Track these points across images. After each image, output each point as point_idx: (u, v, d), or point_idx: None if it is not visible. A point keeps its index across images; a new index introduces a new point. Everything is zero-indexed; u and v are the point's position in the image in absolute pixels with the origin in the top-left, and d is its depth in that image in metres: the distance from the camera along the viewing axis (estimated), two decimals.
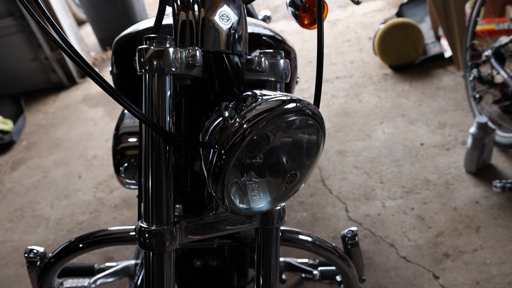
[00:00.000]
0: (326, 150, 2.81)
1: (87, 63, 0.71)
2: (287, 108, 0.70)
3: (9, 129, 3.67)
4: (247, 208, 0.77)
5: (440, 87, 3.19)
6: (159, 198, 0.78)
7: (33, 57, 4.33)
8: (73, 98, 4.31)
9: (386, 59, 3.55)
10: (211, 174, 0.71)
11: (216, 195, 0.73)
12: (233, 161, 0.69)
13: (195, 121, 0.88)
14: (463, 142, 2.60)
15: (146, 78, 0.76)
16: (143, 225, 0.79)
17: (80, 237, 1.02)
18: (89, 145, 3.39)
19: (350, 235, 1.20)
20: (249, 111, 0.70)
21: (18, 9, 4.01)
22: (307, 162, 0.79)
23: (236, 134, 0.68)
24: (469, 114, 2.82)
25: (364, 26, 4.47)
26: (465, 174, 2.39)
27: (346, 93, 3.39)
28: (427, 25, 3.93)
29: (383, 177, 2.50)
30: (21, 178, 3.16)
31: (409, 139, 2.75)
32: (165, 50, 0.74)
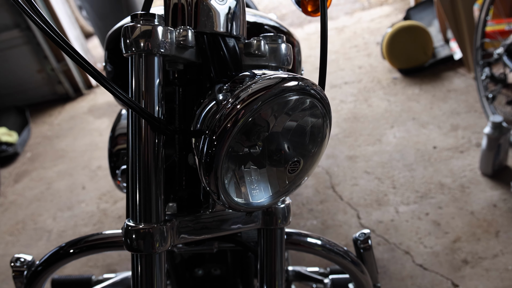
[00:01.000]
0: (336, 156, 2.72)
1: (62, 38, 0.63)
2: (287, 87, 0.62)
3: (14, 141, 3.63)
4: (246, 203, 0.69)
5: (451, 90, 3.10)
6: (147, 193, 0.70)
7: (39, 69, 4.31)
8: (79, 109, 4.27)
9: (395, 62, 3.47)
10: (202, 164, 0.63)
11: (210, 189, 0.65)
12: (225, 148, 0.61)
13: (190, 112, 0.80)
14: (477, 144, 2.50)
15: (133, 60, 0.69)
16: (130, 224, 0.71)
17: (71, 242, 0.94)
18: (94, 155, 3.33)
19: (362, 238, 1.10)
20: (243, 90, 0.62)
21: (24, 21, 4.00)
22: (312, 150, 0.71)
23: (229, 117, 0.61)
24: (482, 116, 2.72)
25: (371, 32, 4.40)
26: (481, 177, 2.29)
27: (355, 98, 3.30)
28: (435, 28, 3.84)
29: (395, 182, 2.41)
30: (24, 190, 3.11)
31: (421, 143, 2.65)
32: (153, 28, 0.67)
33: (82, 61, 0.63)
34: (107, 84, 0.64)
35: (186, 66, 0.80)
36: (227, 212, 0.81)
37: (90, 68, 0.63)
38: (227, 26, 0.79)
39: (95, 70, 0.64)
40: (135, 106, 0.65)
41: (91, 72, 0.63)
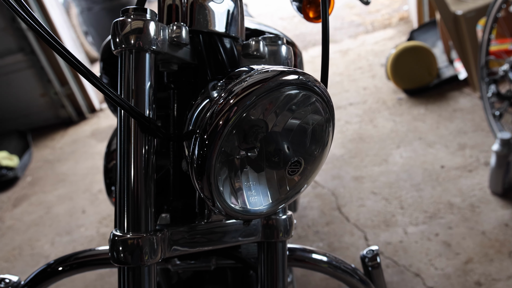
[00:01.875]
0: (341, 177, 2.66)
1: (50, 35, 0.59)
2: (286, 80, 0.57)
3: (14, 165, 3.59)
4: (243, 210, 0.63)
5: (457, 109, 3.06)
6: (136, 200, 0.64)
7: (43, 93, 4.31)
8: (81, 133, 4.25)
9: (400, 83, 3.43)
10: (194, 168, 0.58)
11: (204, 195, 0.60)
12: (217, 148, 0.56)
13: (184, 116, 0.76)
14: (485, 163, 2.44)
15: (123, 57, 0.64)
16: (117, 233, 0.65)
17: (59, 259, 0.88)
18: (95, 179, 3.28)
19: (370, 256, 1.03)
20: (237, 84, 0.57)
21: (28, 45, 4.02)
22: (314, 151, 0.66)
23: (220, 113, 0.56)
24: (490, 135, 2.66)
25: (375, 54, 4.39)
26: (491, 196, 2.22)
27: (360, 119, 3.26)
28: (439, 49, 3.82)
29: (403, 202, 2.34)
30: (22, 214, 3.06)
31: (429, 162, 2.59)
32: (145, 23, 0.63)
33: (70, 57, 0.59)
34: (93, 79, 0.60)
35: (181, 68, 0.75)
36: (223, 223, 0.76)
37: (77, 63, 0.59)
38: (224, 25, 0.75)
39: (83, 66, 0.60)
40: (124, 103, 0.61)
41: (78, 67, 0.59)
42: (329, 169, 2.78)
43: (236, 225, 0.77)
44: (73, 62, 0.58)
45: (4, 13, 3.87)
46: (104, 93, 0.59)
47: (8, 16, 3.88)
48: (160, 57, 0.69)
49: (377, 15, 5.47)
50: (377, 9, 5.65)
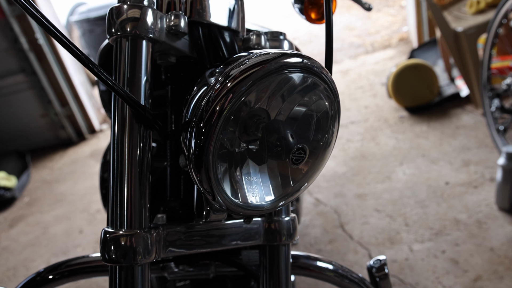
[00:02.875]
0: (344, 194, 2.61)
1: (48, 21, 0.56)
2: (288, 62, 0.54)
3: (12, 185, 3.55)
4: (245, 205, 0.59)
5: (460, 126, 3.03)
6: (129, 195, 0.60)
7: (43, 113, 4.30)
8: (80, 153, 4.21)
9: (401, 101, 3.41)
10: (191, 160, 0.55)
11: (203, 188, 0.56)
12: (215, 136, 0.52)
13: None
14: (491, 179, 2.40)
15: (118, 44, 0.61)
16: (108, 230, 0.60)
17: (50, 267, 0.83)
18: (93, 199, 3.23)
19: (378, 266, 0.98)
20: (235, 67, 0.54)
21: (29, 66, 4.02)
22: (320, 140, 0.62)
23: (217, 98, 0.52)
24: (494, 151, 2.62)
25: (376, 73, 4.39)
26: (498, 212, 2.17)
27: (361, 137, 3.23)
28: (440, 68, 3.82)
29: (407, 219, 2.29)
30: (18, 235, 3.00)
31: (433, 179, 2.55)
32: (142, 10, 0.60)
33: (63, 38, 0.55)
34: (90, 64, 0.56)
35: (179, 62, 0.72)
36: (223, 225, 0.71)
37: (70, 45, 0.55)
38: (225, 18, 0.72)
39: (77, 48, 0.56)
40: (119, 89, 0.57)
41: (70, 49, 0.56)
42: (331, 187, 2.73)
43: (236, 227, 0.73)
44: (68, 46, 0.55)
45: (7, 34, 3.88)
46: (99, 78, 0.56)
47: (10, 37, 3.89)
48: (157, 47, 0.66)
49: (376, 36, 5.49)
50: (377, 30, 5.69)
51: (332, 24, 0.71)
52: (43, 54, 4.02)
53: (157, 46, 0.65)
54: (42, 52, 4.01)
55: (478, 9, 3.14)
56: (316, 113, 0.60)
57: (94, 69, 0.56)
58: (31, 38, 3.94)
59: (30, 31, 3.92)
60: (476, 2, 3.15)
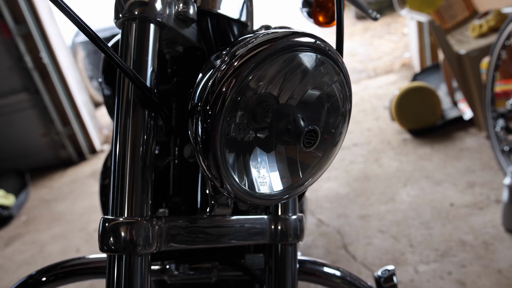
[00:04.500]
0: (347, 215, 2.57)
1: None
2: (297, 41, 0.51)
3: (10, 204, 3.51)
4: (253, 193, 0.56)
5: (463, 149, 3.00)
6: (131, 181, 0.57)
7: (44, 133, 4.28)
8: (80, 173, 4.18)
9: (404, 123, 3.40)
10: (198, 146, 0.52)
11: (211, 174, 0.53)
12: (222, 118, 0.50)
13: None
14: (496, 201, 2.36)
15: (125, 28, 0.59)
16: (107, 217, 0.57)
17: (44, 269, 0.79)
18: (92, 218, 3.19)
19: (386, 276, 0.94)
20: (242, 46, 0.52)
21: (33, 85, 4.03)
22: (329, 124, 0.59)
23: (223, 79, 0.49)
24: (499, 173, 2.59)
25: (378, 97, 4.39)
26: (505, 233, 2.13)
27: (364, 159, 3.21)
28: (443, 92, 3.82)
29: (412, 240, 2.25)
30: (14, 254, 2.95)
31: (437, 200, 2.51)
32: None
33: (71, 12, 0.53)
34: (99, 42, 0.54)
35: (186, 54, 0.70)
36: (227, 219, 0.68)
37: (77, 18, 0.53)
38: (234, 9, 0.71)
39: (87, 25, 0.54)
40: (126, 69, 0.55)
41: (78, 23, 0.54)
42: (334, 208, 2.69)
43: (241, 223, 0.70)
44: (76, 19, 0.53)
45: (12, 53, 3.90)
46: (105, 53, 0.54)
47: (15, 56, 3.91)
48: (165, 34, 0.64)
49: (379, 62, 5.53)
50: (379, 56, 5.72)
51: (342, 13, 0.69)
52: (47, 73, 4.04)
53: (164, 32, 0.63)
54: (46, 71, 4.03)
55: (480, 33, 3.16)
56: (327, 98, 0.58)
57: (103, 47, 0.54)
58: (35, 56, 3.96)
59: (35, 50, 3.95)
60: (479, 26, 3.17)
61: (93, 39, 0.54)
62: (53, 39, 4.07)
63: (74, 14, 0.54)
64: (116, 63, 0.54)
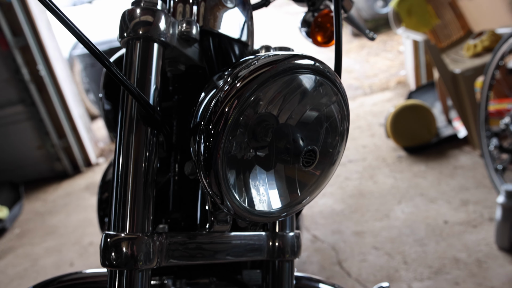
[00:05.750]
0: (342, 231, 2.58)
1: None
2: (297, 64, 0.53)
3: (3, 216, 3.50)
4: (252, 210, 0.58)
5: (457, 167, 3.03)
6: (133, 197, 0.58)
7: (40, 145, 4.28)
8: (75, 186, 4.17)
9: (399, 141, 3.43)
10: (201, 163, 0.54)
11: (212, 191, 0.55)
12: (224, 137, 0.51)
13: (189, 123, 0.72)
14: (490, 219, 2.38)
15: (129, 46, 0.61)
16: (109, 233, 0.58)
17: (41, 284, 0.79)
18: (86, 232, 3.18)
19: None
20: (244, 68, 0.54)
21: (29, 97, 4.03)
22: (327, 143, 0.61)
23: (226, 99, 0.51)
24: (492, 191, 2.62)
25: (374, 114, 4.43)
26: (498, 251, 2.14)
27: (360, 175, 3.22)
28: (438, 110, 3.86)
29: (406, 257, 2.26)
30: (6, 267, 2.93)
31: (431, 218, 2.53)
32: (155, 14, 0.60)
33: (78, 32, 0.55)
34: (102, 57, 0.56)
35: (187, 72, 0.72)
36: (227, 235, 0.70)
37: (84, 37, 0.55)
38: (235, 30, 0.73)
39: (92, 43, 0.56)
40: (130, 86, 0.56)
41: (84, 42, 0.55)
42: (329, 224, 2.71)
43: (240, 239, 0.71)
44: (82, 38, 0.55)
45: (9, 65, 3.92)
46: (110, 71, 0.56)
47: (12, 68, 3.92)
48: (168, 53, 0.66)
49: (375, 79, 5.57)
50: (375, 73, 5.77)
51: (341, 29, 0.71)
52: (44, 86, 4.05)
53: (167, 51, 0.65)
54: (43, 83, 4.04)
55: (475, 53, 3.21)
56: (326, 118, 0.60)
57: (108, 65, 0.56)
58: (32, 69, 3.98)
59: (32, 62, 3.97)
60: (473, 46, 3.22)
61: (99, 58, 0.56)
62: (51, 51, 4.09)
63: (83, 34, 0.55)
64: (120, 81, 0.56)
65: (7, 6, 3.77)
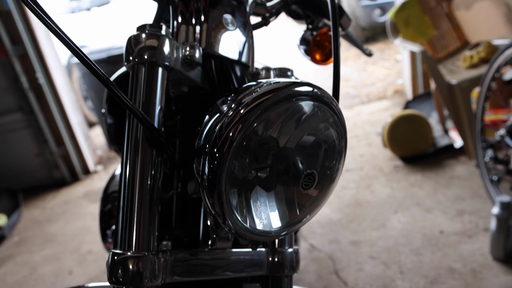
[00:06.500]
0: (339, 241, 2.61)
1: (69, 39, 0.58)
2: (298, 91, 0.56)
3: (2, 224, 3.51)
4: (253, 230, 0.60)
5: (453, 177, 3.06)
6: (139, 217, 0.61)
7: (38, 152, 4.29)
8: (74, 194, 4.18)
9: (396, 150, 3.46)
10: (205, 184, 0.56)
11: (214, 211, 0.57)
12: (228, 161, 0.54)
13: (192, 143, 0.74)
14: (485, 229, 2.41)
15: (134, 70, 0.64)
16: (116, 251, 0.61)
17: None
18: (85, 240, 3.20)
19: None
20: (247, 95, 0.56)
21: (28, 105, 4.05)
22: (326, 166, 0.64)
23: (230, 124, 0.54)
24: (487, 201, 2.65)
25: (371, 123, 4.46)
26: (493, 261, 2.17)
27: (356, 185, 3.25)
28: (434, 119, 3.89)
29: (402, 266, 2.28)
30: (5, 275, 2.94)
31: (427, 227, 2.56)
32: (160, 39, 0.63)
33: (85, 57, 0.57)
34: (110, 85, 0.58)
35: (190, 93, 0.75)
36: (228, 252, 0.72)
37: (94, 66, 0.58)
38: (236, 52, 0.75)
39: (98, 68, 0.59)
40: (136, 111, 0.59)
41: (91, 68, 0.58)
42: (326, 233, 2.73)
43: (241, 256, 0.74)
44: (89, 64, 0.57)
45: (8, 73, 3.94)
46: (116, 96, 0.58)
47: (11, 76, 3.94)
48: (172, 76, 0.69)
49: (372, 88, 5.61)
50: (372, 82, 5.81)
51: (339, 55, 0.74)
52: (43, 94, 4.07)
53: (171, 75, 0.68)
54: (41, 91, 4.06)
55: (471, 64, 3.25)
56: (324, 141, 0.63)
57: (114, 90, 0.58)
58: (31, 77, 4.00)
59: (31, 70, 3.98)
60: (470, 57, 3.26)
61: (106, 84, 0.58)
62: (50, 60, 4.11)
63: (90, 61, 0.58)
64: (126, 106, 0.59)
65: (6, 15, 3.79)
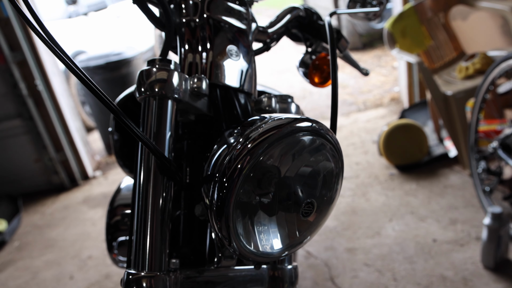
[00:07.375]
0: (334, 248, 2.67)
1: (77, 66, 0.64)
2: (300, 127, 0.63)
3: (2, 229, 3.55)
4: (256, 252, 0.66)
5: (447, 186, 3.12)
6: (152, 239, 0.67)
7: (37, 158, 4.33)
8: (73, 199, 4.22)
9: (392, 159, 3.52)
10: (213, 210, 0.62)
11: (221, 234, 0.63)
12: (236, 190, 0.60)
13: (198, 166, 0.80)
14: (477, 238, 2.47)
15: (146, 103, 0.70)
16: (131, 272, 0.67)
17: None
18: (85, 245, 3.24)
19: None
20: (254, 130, 0.63)
21: (27, 111, 4.08)
22: (325, 195, 0.70)
23: (239, 157, 0.60)
24: (480, 211, 2.71)
25: (367, 131, 4.52)
26: (483, 270, 2.23)
27: (352, 193, 3.31)
28: (430, 128, 3.96)
29: (396, 274, 2.34)
30: (7, 280, 2.99)
31: (421, 236, 2.62)
32: (169, 73, 0.69)
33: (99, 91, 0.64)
34: (121, 115, 0.64)
35: (197, 120, 0.81)
36: (233, 269, 0.79)
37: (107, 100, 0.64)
38: (239, 81, 0.81)
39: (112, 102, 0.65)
40: (148, 142, 0.65)
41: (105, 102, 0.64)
42: (322, 241, 2.78)
43: (244, 273, 0.80)
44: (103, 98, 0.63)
45: (6, 79, 3.97)
46: (129, 129, 0.64)
47: (10, 83, 3.97)
48: (180, 106, 0.75)
49: (369, 95, 5.67)
50: (369, 89, 5.88)
51: (337, 88, 0.81)
52: (41, 100, 4.10)
53: (180, 105, 0.74)
54: (40, 98, 4.09)
55: (466, 75, 3.31)
56: (322, 170, 0.69)
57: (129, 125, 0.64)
58: (30, 84, 4.03)
59: (30, 77, 4.02)
60: (465, 68, 3.33)
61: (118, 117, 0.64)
62: (48, 66, 4.14)
63: (103, 93, 0.64)
64: (139, 138, 0.65)
65: (5, 21, 3.82)
